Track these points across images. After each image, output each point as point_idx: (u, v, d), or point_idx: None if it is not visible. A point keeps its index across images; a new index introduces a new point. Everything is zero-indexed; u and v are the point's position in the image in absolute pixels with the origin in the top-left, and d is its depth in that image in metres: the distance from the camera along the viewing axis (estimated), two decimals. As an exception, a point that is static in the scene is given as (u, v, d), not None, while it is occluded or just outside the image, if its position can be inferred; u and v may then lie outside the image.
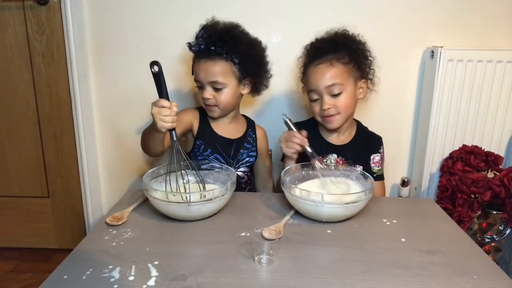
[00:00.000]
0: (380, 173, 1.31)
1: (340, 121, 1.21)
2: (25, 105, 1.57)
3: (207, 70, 1.18)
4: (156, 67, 0.96)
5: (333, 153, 1.25)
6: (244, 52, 1.19)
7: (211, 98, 1.20)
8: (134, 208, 1.01)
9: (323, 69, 1.18)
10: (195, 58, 1.22)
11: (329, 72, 1.17)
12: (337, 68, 1.17)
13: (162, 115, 0.97)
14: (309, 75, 1.22)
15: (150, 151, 1.17)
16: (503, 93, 1.45)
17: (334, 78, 1.16)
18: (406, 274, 0.75)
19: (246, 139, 1.31)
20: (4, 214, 1.70)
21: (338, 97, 1.18)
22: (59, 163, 1.63)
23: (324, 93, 1.18)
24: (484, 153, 1.43)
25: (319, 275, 0.75)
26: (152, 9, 1.45)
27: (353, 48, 1.21)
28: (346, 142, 1.28)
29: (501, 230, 1.36)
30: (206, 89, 1.20)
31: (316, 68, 1.19)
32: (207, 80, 1.19)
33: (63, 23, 1.45)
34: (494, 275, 0.76)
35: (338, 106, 1.18)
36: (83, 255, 0.80)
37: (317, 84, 1.19)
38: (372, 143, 1.32)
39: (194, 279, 0.72)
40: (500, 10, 1.45)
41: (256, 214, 1.00)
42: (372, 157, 1.30)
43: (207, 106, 1.23)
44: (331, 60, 1.17)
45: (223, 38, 1.16)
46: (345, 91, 1.18)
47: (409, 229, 0.94)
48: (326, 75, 1.17)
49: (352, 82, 1.20)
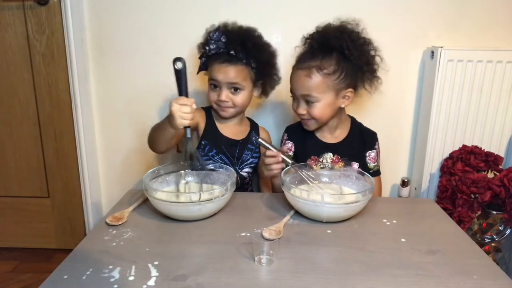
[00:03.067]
0: (376, 168, 1.31)
1: (314, 125, 1.22)
2: (25, 105, 1.57)
3: (227, 73, 1.18)
4: (179, 63, 0.97)
5: (328, 152, 1.25)
6: (263, 58, 1.22)
7: (228, 101, 1.21)
8: (134, 208, 1.01)
9: (301, 77, 1.16)
10: (212, 59, 1.21)
11: (306, 82, 1.15)
12: (315, 80, 1.14)
13: (183, 112, 0.98)
14: (291, 75, 1.21)
15: (159, 147, 1.16)
16: (503, 93, 1.45)
17: (308, 90, 1.15)
18: (406, 274, 0.75)
19: (250, 141, 1.32)
20: (4, 214, 1.69)
21: (312, 106, 1.17)
22: (59, 163, 1.63)
23: (300, 99, 1.19)
24: (484, 153, 1.43)
25: (319, 275, 0.75)
26: (152, 9, 1.45)
27: (346, 53, 1.14)
28: (341, 140, 1.27)
29: (501, 230, 1.36)
30: (223, 91, 1.20)
31: (296, 73, 1.18)
32: (226, 82, 1.19)
33: (63, 23, 1.45)
34: (494, 275, 0.76)
35: (311, 113, 1.18)
36: (83, 255, 0.80)
37: (294, 88, 1.19)
38: (367, 139, 1.31)
39: (194, 279, 0.72)
40: (500, 11, 1.45)
41: (256, 214, 1.00)
42: (368, 153, 1.29)
43: (221, 107, 1.23)
44: (312, 69, 1.13)
45: (245, 44, 1.18)
46: (321, 101, 1.16)
47: (409, 229, 0.94)
48: (302, 84, 1.16)
49: (331, 94, 1.16)
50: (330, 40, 1.15)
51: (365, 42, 1.19)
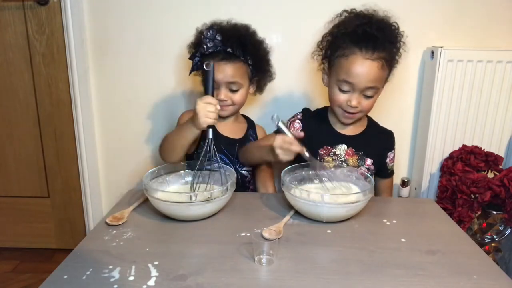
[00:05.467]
0: (393, 168, 1.32)
1: (356, 119, 1.20)
2: (25, 105, 1.57)
3: (226, 72, 1.17)
4: (210, 66, 1.01)
5: (342, 144, 1.22)
6: (258, 54, 1.22)
7: (227, 100, 1.20)
8: (134, 208, 1.01)
9: (371, 67, 1.06)
10: (207, 58, 1.18)
11: (376, 73, 1.06)
12: (384, 72, 1.09)
13: (208, 111, 1.01)
14: (350, 63, 1.07)
15: (175, 153, 1.14)
16: (503, 93, 1.45)
17: (375, 82, 1.08)
18: (406, 274, 0.75)
19: (248, 139, 1.31)
20: (4, 214, 1.70)
21: (368, 100, 1.12)
22: (59, 163, 1.63)
23: (358, 91, 1.10)
24: (484, 153, 1.43)
25: (319, 275, 0.75)
26: (152, 9, 1.45)
27: (393, 48, 1.10)
28: (357, 133, 1.25)
29: (501, 230, 1.35)
30: (221, 90, 1.19)
31: (363, 62, 1.06)
32: (224, 81, 1.18)
33: (63, 23, 1.45)
34: (494, 275, 0.76)
35: (364, 107, 1.13)
36: (83, 255, 0.80)
37: (357, 80, 1.07)
38: (387, 140, 1.30)
39: (194, 279, 0.72)
40: (500, 10, 1.45)
41: (256, 214, 1.00)
42: (388, 154, 1.29)
43: (220, 106, 1.23)
44: (382, 60, 1.06)
45: (241, 41, 1.17)
46: (376, 95, 1.12)
47: (409, 229, 0.94)
48: (371, 75, 1.06)
49: (383, 86, 1.13)
50: (384, 29, 1.08)
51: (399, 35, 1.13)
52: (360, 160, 1.23)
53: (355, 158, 1.22)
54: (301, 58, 1.46)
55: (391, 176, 1.32)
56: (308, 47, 1.25)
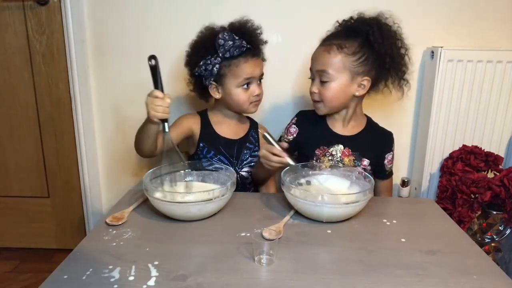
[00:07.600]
0: (391, 169, 1.32)
1: (322, 109, 1.20)
2: (25, 105, 1.57)
3: (258, 66, 1.22)
4: (153, 60, 1.03)
5: (339, 144, 1.23)
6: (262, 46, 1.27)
7: (260, 93, 1.24)
8: (134, 208, 1.01)
9: (320, 52, 1.16)
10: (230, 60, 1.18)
11: (324, 57, 1.14)
12: (333, 56, 1.13)
13: (155, 105, 1.03)
14: (313, 52, 1.20)
15: (142, 147, 1.17)
16: (503, 93, 1.45)
17: (324, 65, 1.14)
18: (406, 274, 0.75)
19: (248, 139, 1.31)
20: (4, 214, 1.70)
21: (325, 85, 1.15)
22: (59, 163, 1.63)
23: (316, 76, 1.18)
24: (484, 153, 1.43)
25: (319, 275, 0.75)
26: (152, 9, 1.45)
27: (371, 39, 1.12)
28: (354, 134, 1.25)
29: (501, 230, 1.35)
30: (255, 85, 1.22)
31: (317, 49, 1.18)
32: (258, 74, 1.23)
33: (63, 23, 1.45)
34: (494, 275, 0.76)
35: (322, 94, 1.17)
36: (83, 255, 0.80)
37: (312, 64, 1.19)
38: (385, 141, 1.30)
39: (194, 279, 0.72)
40: (500, 10, 1.45)
41: (256, 214, 1.00)
42: (386, 156, 1.29)
43: (254, 102, 1.25)
44: (333, 46, 1.13)
45: (254, 37, 1.22)
46: (335, 81, 1.14)
47: (409, 229, 0.94)
48: (321, 59, 1.15)
49: (346, 76, 1.13)
50: (358, 24, 1.16)
51: (394, 36, 1.17)
52: (356, 160, 1.23)
53: (351, 158, 1.22)
54: (301, 58, 1.46)
55: (390, 177, 1.32)
56: (308, 48, 1.25)
